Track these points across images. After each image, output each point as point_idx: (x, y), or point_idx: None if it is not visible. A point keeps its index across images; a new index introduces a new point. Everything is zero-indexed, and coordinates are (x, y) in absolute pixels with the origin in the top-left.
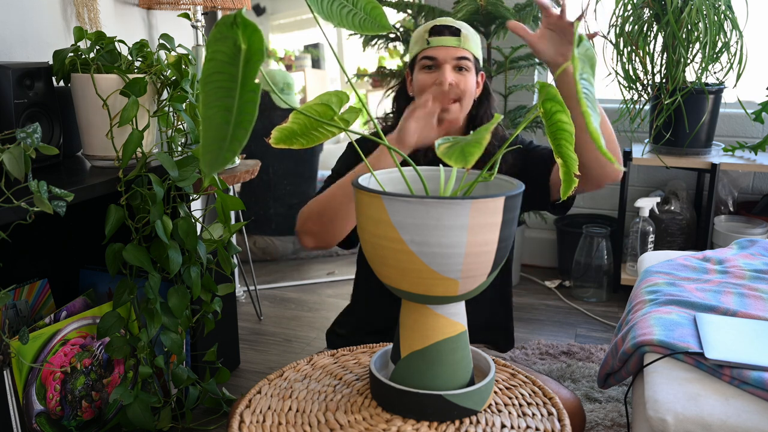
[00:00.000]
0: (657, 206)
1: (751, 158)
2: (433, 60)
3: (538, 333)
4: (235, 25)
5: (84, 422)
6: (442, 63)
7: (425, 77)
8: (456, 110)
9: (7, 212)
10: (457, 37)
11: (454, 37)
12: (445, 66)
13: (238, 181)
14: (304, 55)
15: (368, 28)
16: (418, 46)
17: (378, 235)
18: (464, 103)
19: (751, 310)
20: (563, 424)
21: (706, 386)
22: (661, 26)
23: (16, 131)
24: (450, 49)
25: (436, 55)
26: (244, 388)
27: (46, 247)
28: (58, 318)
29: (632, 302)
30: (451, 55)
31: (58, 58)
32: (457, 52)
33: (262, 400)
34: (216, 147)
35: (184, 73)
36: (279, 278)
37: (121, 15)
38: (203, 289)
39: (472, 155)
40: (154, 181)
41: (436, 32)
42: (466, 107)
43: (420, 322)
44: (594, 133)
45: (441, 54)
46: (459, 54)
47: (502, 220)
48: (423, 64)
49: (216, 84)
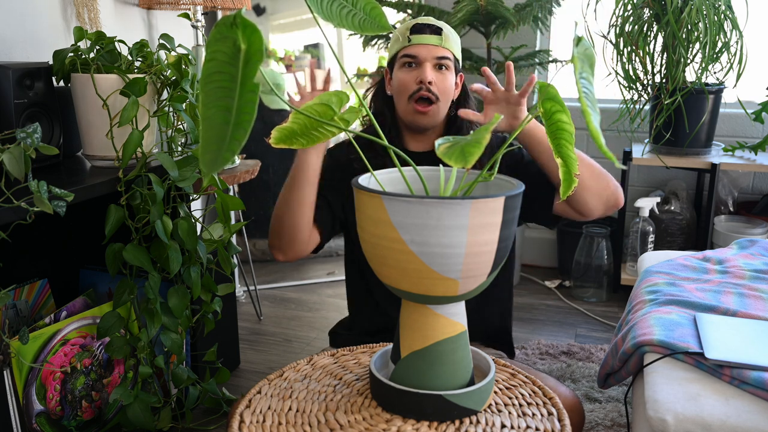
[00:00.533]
0: (657, 206)
1: (751, 158)
2: (414, 58)
3: (538, 333)
4: (234, 26)
5: (84, 422)
6: (422, 61)
7: (405, 75)
8: (434, 111)
9: (7, 212)
10: (438, 35)
11: (436, 36)
12: (426, 64)
13: (238, 181)
14: (304, 55)
15: (368, 29)
16: (399, 44)
17: (378, 235)
18: (441, 105)
19: (751, 310)
20: (563, 424)
21: (706, 386)
22: (661, 26)
23: (16, 131)
24: (431, 47)
25: (417, 53)
26: (244, 388)
27: (46, 247)
28: (58, 318)
29: (632, 302)
30: (432, 54)
31: (58, 58)
32: (437, 51)
33: (262, 400)
34: (215, 147)
35: (184, 73)
36: (279, 278)
37: (121, 15)
38: (203, 289)
39: (472, 155)
40: (154, 181)
41: (417, 30)
42: (442, 109)
43: (420, 322)
44: (594, 132)
45: (422, 52)
46: (440, 53)
47: (502, 220)
48: (403, 61)
49: (216, 84)
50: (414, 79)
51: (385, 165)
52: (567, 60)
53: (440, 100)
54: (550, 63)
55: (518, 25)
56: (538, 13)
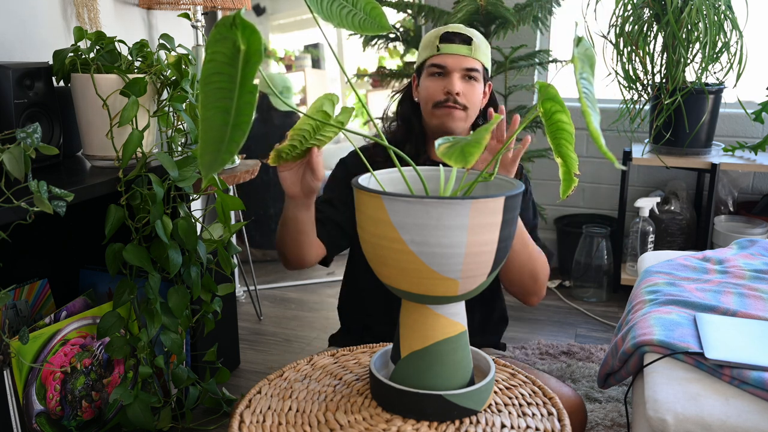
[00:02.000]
0: (657, 206)
1: (751, 158)
2: (442, 68)
3: (538, 333)
4: (234, 26)
5: (84, 422)
6: (450, 71)
7: (433, 84)
8: (461, 119)
9: (7, 212)
10: (468, 45)
11: (465, 46)
12: (454, 74)
13: (238, 181)
14: (304, 55)
15: (368, 29)
16: (427, 52)
17: (378, 235)
18: (470, 114)
19: (751, 310)
20: (563, 424)
21: (706, 386)
22: (661, 26)
23: (16, 131)
24: (460, 57)
25: (445, 63)
26: (244, 388)
27: (46, 247)
28: (58, 318)
29: (632, 302)
30: (461, 65)
31: (58, 58)
32: (466, 62)
33: (262, 400)
34: (214, 149)
35: (184, 73)
36: (279, 278)
37: (121, 15)
38: (203, 289)
39: (472, 155)
40: (154, 181)
41: (446, 39)
42: (471, 117)
43: (420, 322)
44: (594, 133)
45: (450, 62)
46: (469, 65)
47: (502, 220)
48: (431, 71)
49: (215, 85)
50: (441, 89)
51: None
52: (567, 60)
53: (468, 108)
54: (550, 63)
55: (518, 25)
56: (538, 13)
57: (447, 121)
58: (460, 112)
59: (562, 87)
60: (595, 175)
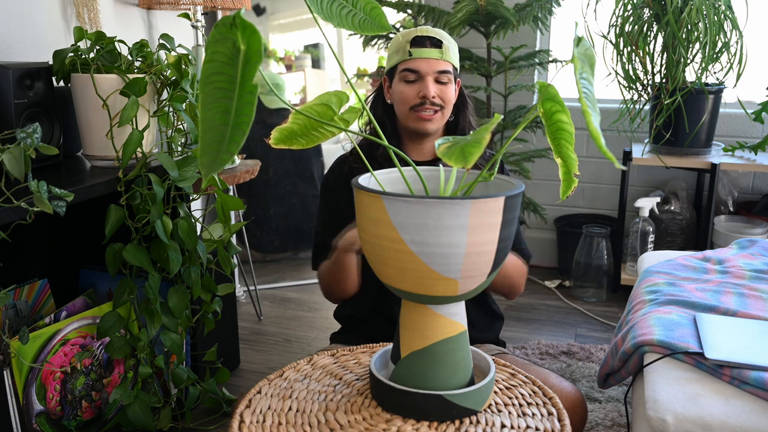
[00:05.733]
0: (657, 206)
1: (751, 158)
2: (415, 72)
3: (538, 333)
4: (234, 26)
5: (84, 422)
6: (424, 75)
7: (407, 89)
8: (438, 119)
9: (7, 212)
10: (439, 48)
11: (436, 49)
12: (428, 78)
13: (238, 181)
14: (304, 55)
15: (368, 29)
16: (399, 56)
17: (378, 235)
18: (445, 112)
19: (751, 310)
20: (563, 424)
21: (706, 386)
22: (661, 26)
23: (16, 131)
24: (432, 61)
25: (418, 67)
26: (244, 388)
27: (46, 247)
28: (58, 318)
29: (632, 302)
30: (433, 68)
31: (58, 58)
32: (438, 65)
33: (262, 400)
34: (214, 149)
35: (184, 73)
36: (279, 278)
37: (121, 15)
38: (203, 289)
39: (472, 155)
40: (154, 181)
41: (417, 43)
42: (446, 115)
43: (420, 322)
44: (594, 133)
45: (423, 66)
46: (441, 67)
47: (502, 220)
48: (404, 76)
49: (215, 85)
50: (416, 94)
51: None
52: (567, 60)
53: (444, 107)
54: (550, 63)
55: (518, 25)
56: (538, 13)
57: (425, 124)
58: (437, 114)
59: (562, 87)
60: (595, 175)
